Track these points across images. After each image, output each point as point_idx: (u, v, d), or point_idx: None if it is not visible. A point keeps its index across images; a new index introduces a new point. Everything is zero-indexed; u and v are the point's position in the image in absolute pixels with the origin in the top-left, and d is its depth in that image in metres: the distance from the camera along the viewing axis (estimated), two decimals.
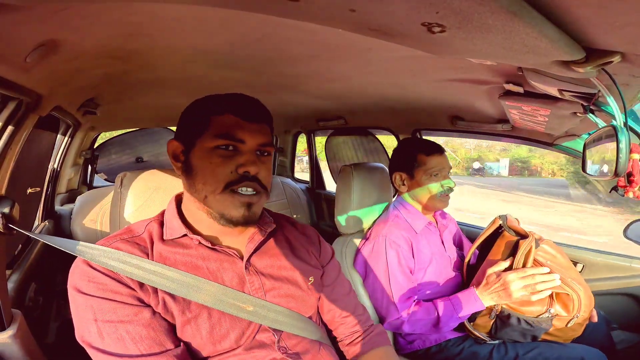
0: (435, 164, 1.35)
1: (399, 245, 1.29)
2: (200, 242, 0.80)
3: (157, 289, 0.73)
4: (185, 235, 0.79)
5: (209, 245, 0.80)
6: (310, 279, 0.91)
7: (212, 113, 0.77)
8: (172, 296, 0.73)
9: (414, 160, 1.38)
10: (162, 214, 0.85)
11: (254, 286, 0.81)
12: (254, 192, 0.76)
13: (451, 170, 1.41)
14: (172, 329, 0.74)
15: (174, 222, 0.81)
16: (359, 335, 1.01)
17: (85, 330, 0.68)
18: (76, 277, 0.71)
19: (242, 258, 0.83)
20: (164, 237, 0.79)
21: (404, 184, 1.42)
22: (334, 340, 1.00)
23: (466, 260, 1.39)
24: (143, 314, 0.70)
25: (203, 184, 0.75)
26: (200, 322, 0.74)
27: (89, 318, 0.68)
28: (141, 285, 0.72)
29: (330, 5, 0.40)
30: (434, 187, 1.35)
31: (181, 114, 0.84)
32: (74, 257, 0.74)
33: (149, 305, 0.72)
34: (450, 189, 1.36)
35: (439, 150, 1.38)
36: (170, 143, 0.82)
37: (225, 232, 0.82)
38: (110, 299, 0.69)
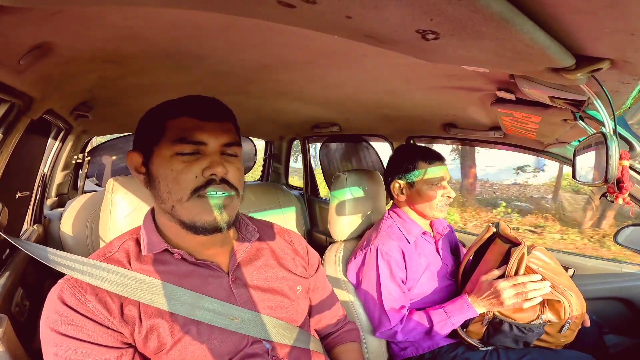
0: (437, 173, 1.32)
1: (391, 256, 1.28)
2: (182, 257, 0.76)
3: (141, 314, 0.70)
4: (165, 250, 0.76)
5: (192, 259, 0.77)
6: (298, 288, 0.90)
7: (167, 118, 0.74)
8: (161, 315, 0.71)
9: (415, 168, 1.34)
10: (136, 230, 0.82)
11: (243, 299, 0.79)
12: (225, 194, 0.72)
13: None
14: None
15: (152, 236, 0.77)
16: (333, 332, 1.04)
17: None
18: (46, 310, 0.68)
19: (227, 271, 0.81)
20: (143, 253, 0.75)
21: (402, 193, 1.38)
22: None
23: (461, 267, 1.39)
24: (108, 356, 0.67)
25: (168, 193, 0.71)
26: (190, 339, 0.72)
27: (50, 352, 0.65)
28: (122, 313, 0.69)
29: (326, 11, 0.40)
30: (435, 197, 1.32)
31: (138, 122, 0.80)
32: None
33: (120, 347, 0.69)
34: (450, 199, 1.34)
35: (439, 158, 1.35)
36: (129, 155, 0.77)
37: (206, 244, 0.79)
38: (75, 337, 0.65)
